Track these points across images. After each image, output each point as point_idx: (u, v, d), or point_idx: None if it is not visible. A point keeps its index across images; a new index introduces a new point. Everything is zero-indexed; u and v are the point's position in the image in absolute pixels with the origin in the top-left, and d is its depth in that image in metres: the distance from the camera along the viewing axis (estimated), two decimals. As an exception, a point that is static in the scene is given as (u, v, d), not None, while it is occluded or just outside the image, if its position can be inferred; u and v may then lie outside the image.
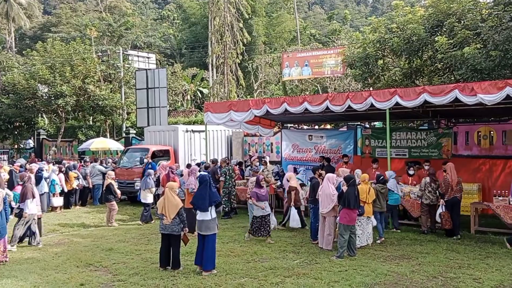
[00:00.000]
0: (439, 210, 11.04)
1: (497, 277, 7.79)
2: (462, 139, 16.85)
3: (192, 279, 8.05)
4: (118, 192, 14.09)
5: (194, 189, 11.21)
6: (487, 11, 13.88)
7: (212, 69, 40.90)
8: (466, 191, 12.25)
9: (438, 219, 11.06)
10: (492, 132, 16.34)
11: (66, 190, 16.38)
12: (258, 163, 14.81)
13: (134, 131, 26.66)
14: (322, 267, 8.60)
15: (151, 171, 14.30)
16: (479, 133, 16.54)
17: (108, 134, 30.12)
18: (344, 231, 9.19)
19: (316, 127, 20.73)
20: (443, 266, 8.49)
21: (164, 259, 8.71)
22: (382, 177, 11.10)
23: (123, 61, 31.12)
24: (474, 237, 10.80)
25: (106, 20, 50.71)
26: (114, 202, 13.67)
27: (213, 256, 8.47)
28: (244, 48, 39.34)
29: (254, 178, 12.00)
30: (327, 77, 29.19)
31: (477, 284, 7.46)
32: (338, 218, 9.47)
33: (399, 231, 11.51)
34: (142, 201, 13.74)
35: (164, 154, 18.27)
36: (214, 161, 15.75)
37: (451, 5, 14.73)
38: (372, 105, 11.90)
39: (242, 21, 40.30)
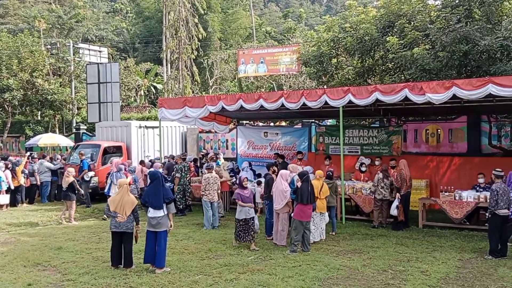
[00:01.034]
0: (395, 203, 11.37)
1: (443, 269, 8.10)
2: (411, 137, 17.47)
3: (145, 278, 7.90)
4: (81, 189, 13.76)
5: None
6: (435, 13, 14.36)
7: (167, 64, 40.35)
8: (414, 186, 12.69)
9: (394, 212, 11.40)
10: (439, 130, 17.02)
11: (12, 187, 15.69)
12: (215, 160, 14.71)
13: (85, 127, 25.89)
14: (276, 262, 8.66)
15: (123, 166, 13.98)
16: (427, 131, 17.20)
17: (57, 130, 29.16)
18: (299, 227, 9.28)
19: (272, 124, 20.85)
20: (392, 260, 8.74)
21: (116, 257, 8.51)
22: (330, 172, 11.36)
23: (74, 55, 30.17)
24: (422, 231, 11.19)
25: (55, 12, 48.96)
26: (74, 201, 13.29)
27: (165, 253, 8.36)
28: (199, 43, 39.02)
29: (208, 175, 11.93)
30: (282, 75, 29.45)
31: (424, 276, 7.72)
32: (292, 214, 9.57)
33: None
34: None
35: (117, 150, 17.85)
36: (171, 157, 15.56)
37: (402, 7, 15.15)
38: (326, 103, 12.07)
39: (197, 17, 39.98)
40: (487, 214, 9.22)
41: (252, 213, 9.95)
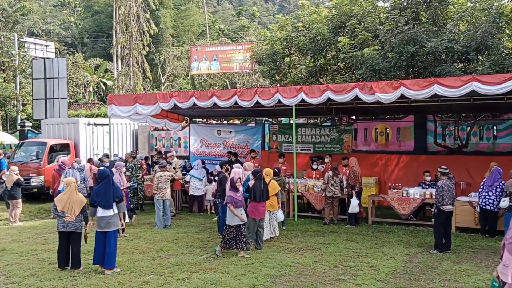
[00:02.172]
0: (356, 201, 11.56)
1: (391, 264, 8.33)
2: (361, 135, 17.89)
3: (94, 279, 7.66)
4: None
5: (122, 185, 10.82)
6: (384, 15, 14.74)
7: (117, 60, 39.38)
8: (364, 184, 12.99)
9: (356, 209, 11.57)
10: (388, 129, 17.52)
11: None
12: (175, 159, 14.39)
13: (30, 124, 24.87)
14: (229, 261, 8.62)
15: (73, 163, 13.53)
16: (377, 130, 17.67)
17: (0, 127, 27.80)
18: (252, 224, 9.28)
19: (225, 122, 20.78)
20: (343, 256, 8.90)
21: (63, 258, 8.21)
22: (277, 169, 11.50)
23: (18, 49, 28.91)
24: (371, 227, 11.48)
25: (0, 5, 46.62)
26: (20, 200, 12.69)
27: (115, 253, 8.14)
28: (151, 39, 38.36)
29: (161, 173, 11.72)
30: (235, 73, 29.40)
31: (373, 271, 7.91)
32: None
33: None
34: None
35: (64, 148, 17.23)
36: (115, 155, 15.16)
37: (353, 8, 15.47)
38: (279, 101, 12.15)
39: (149, 12, 39.25)
40: (433, 210, 9.57)
41: (245, 217, 9.15)
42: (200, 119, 19.53)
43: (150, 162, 16.50)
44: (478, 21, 13.61)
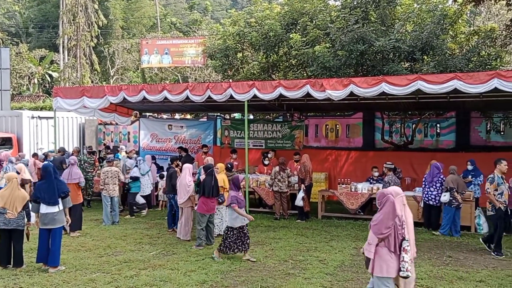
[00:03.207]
0: (301, 195, 11.72)
1: (339, 257, 8.51)
2: (312, 132, 18.18)
3: (37, 277, 7.36)
4: None
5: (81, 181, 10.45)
6: (335, 13, 14.97)
7: (63, 52, 38.02)
8: (315, 179, 13.19)
9: (300, 203, 11.74)
10: (338, 126, 17.89)
11: None
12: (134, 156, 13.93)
13: (-31, 116, 23.56)
14: (179, 257, 8.52)
15: (13, 158, 12.87)
16: (327, 126, 18.01)
17: None
18: (201, 220, 9.20)
19: (177, 116, 20.51)
20: (293, 250, 9.00)
21: (5, 257, 7.84)
22: (230, 165, 11.52)
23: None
24: (321, 222, 11.68)
25: None
26: None
27: (59, 250, 7.85)
28: (99, 31, 37.28)
29: (108, 169, 11.39)
30: (187, 67, 29.08)
31: (322, 265, 8.05)
32: (196, 207, 9.46)
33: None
34: None
35: (6, 142, 16.44)
36: (61, 150, 14.54)
37: (305, 5, 15.62)
38: (231, 96, 12.10)
39: (97, 2, 38.09)
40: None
41: (251, 217, 8.68)
42: (151, 114, 19.18)
43: (97, 157, 16.02)
44: (423, 22, 14.11)
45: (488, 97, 10.73)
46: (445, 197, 10.21)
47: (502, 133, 16.09)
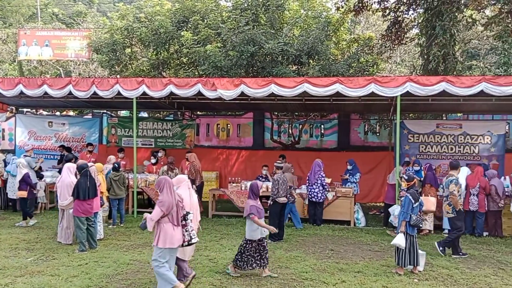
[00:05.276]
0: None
1: (229, 255, 8.55)
2: (204, 131, 18.17)
3: None
4: None
5: None
6: (226, 14, 15.12)
7: None
8: (206, 178, 13.22)
9: None
10: (229, 125, 18.09)
11: None
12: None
13: None
14: (60, 262, 7.96)
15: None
16: (219, 126, 18.12)
17: None
18: (80, 224, 8.66)
19: (58, 113, 19.22)
20: (182, 251, 8.88)
21: None
22: (117, 164, 11.18)
23: None
24: (212, 221, 11.69)
25: None
26: None
27: None
28: (-31, 17, 33.58)
29: None
30: (71, 61, 27.35)
31: (212, 263, 8.05)
32: (71, 211, 8.89)
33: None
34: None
35: None
36: None
37: (196, 3, 15.55)
38: (119, 93, 11.64)
39: (-34, -14, 34.33)
40: (269, 202, 10.11)
41: (273, 228, 7.69)
42: (29, 109, 17.75)
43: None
44: (309, 28, 14.81)
45: (366, 101, 11.55)
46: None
47: (377, 134, 17.47)
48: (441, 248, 8.78)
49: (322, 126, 17.81)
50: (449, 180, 8.79)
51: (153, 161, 13.38)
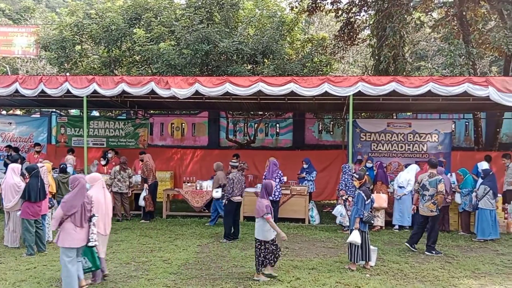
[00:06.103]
0: (144, 194, 11.44)
1: (184, 256, 8.48)
2: (158, 130, 17.92)
3: None
4: None
5: None
6: (180, 12, 14.94)
7: None
8: (160, 178, 13.02)
9: (141, 203, 11.55)
10: (183, 124, 17.91)
11: None
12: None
13: None
14: (7, 267, 7.63)
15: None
16: (173, 125, 17.91)
17: None
18: (29, 226, 8.33)
19: (4, 112, 18.40)
20: (136, 252, 8.71)
21: None
22: (63, 165, 10.89)
23: None
24: (166, 221, 11.54)
25: None
26: None
27: None
28: None
29: None
30: (18, 58, 26.27)
31: (166, 264, 7.93)
32: (19, 213, 8.52)
33: None
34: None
35: None
36: None
37: (149, 0, 15.29)
38: (68, 91, 11.27)
39: None
40: (224, 201, 10.08)
41: (280, 231, 7.34)
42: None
43: None
44: (264, 27, 14.89)
45: (320, 100, 11.72)
46: (217, 193, 10.73)
47: (331, 133, 17.78)
48: (433, 252, 8.84)
49: (277, 125, 17.95)
50: (437, 179, 8.82)
51: (103, 162, 13.01)
